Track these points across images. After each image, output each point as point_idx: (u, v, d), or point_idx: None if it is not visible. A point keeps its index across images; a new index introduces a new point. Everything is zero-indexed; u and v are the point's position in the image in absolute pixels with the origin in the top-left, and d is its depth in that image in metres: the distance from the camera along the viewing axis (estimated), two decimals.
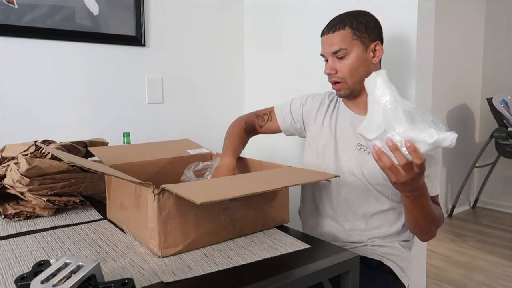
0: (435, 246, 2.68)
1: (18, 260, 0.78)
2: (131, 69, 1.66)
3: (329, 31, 1.06)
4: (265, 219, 0.93)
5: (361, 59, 1.05)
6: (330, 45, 1.06)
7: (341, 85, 1.08)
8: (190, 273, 0.72)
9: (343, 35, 1.04)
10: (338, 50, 1.04)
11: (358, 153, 1.08)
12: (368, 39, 1.05)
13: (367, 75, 1.01)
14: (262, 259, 0.77)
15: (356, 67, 1.05)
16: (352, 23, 1.04)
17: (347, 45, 1.04)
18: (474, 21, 3.42)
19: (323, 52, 1.10)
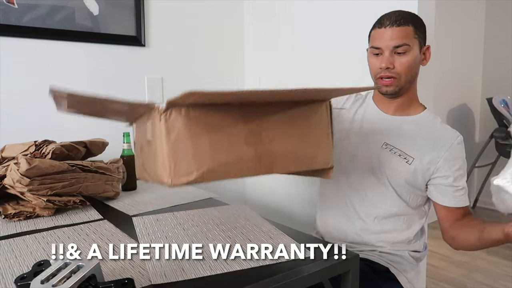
0: (435, 246, 2.68)
1: (18, 260, 0.78)
2: (131, 69, 1.66)
3: (392, 24, 1.03)
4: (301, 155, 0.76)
5: (417, 59, 1.05)
6: (392, 38, 1.03)
7: (394, 81, 1.06)
8: (182, 276, 0.71)
9: (407, 31, 1.02)
10: (401, 45, 1.02)
11: (383, 152, 1.08)
12: (423, 40, 1.06)
13: (415, 77, 1.08)
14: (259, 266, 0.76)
15: (413, 66, 1.05)
16: (415, 22, 1.04)
17: (410, 42, 1.03)
18: (474, 21, 3.42)
19: (380, 44, 1.05)
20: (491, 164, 3.32)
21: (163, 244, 0.86)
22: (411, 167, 1.05)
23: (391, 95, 1.09)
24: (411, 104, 1.13)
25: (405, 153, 1.06)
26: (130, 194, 1.34)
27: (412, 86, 1.10)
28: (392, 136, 1.09)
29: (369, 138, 1.12)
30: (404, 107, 1.12)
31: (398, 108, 1.12)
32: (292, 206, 1.76)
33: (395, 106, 1.12)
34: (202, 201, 1.24)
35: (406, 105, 1.12)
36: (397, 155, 1.07)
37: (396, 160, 1.06)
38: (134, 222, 1.02)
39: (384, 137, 1.09)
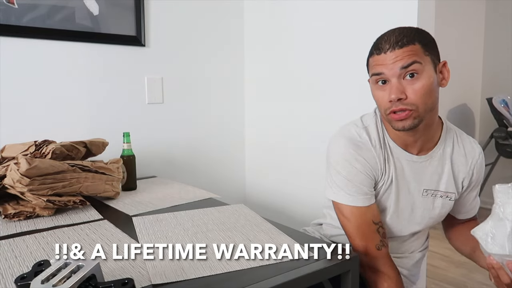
0: (435, 246, 2.68)
1: (18, 260, 0.78)
2: (131, 69, 1.66)
3: (394, 47, 0.83)
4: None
5: (433, 81, 0.85)
6: (397, 60, 0.83)
7: (410, 113, 0.84)
8: (182, 276, 0.71)
9: (414, 50, 0.83)
10: (411, 63, 0.82)
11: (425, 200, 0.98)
12: (436, 57, 0.88)
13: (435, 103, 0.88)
14: (259, 266, 0.76)
15: (430, 90, 0.85)
16: (421, 38, 0.85)
17: (421, 60, 0.83)
18: (474, 21, 3.42)
19: (383, 70, 0.85)
20: (491, 164, 3.32)
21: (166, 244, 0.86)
22: (452, 202, 1.01)
23: (410, 129, 0.87)
24: (432, 134, 0.95)
25: (447, 192, 0.98)
26: (130, 194, 1.34)
27: (433, 114, 0.90)
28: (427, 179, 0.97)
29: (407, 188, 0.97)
30: (427, 139, 0.95)
31: (422, 143, 0.95)
32: (292, 206, 1.76)
33: (420, 142, 0.94)
34: (202, 201, 1.24)
35: (428, 137, 0.94)
36: (439, 197, 0.99)
37: (440, 202, 0.99)
38: (134, 222, 1.02)
39: (422, 183, 0.97)
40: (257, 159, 2.01)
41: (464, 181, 1.00)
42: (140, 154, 1.58)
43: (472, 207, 1.06)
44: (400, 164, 0.95)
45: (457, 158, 0.98)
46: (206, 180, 1.89)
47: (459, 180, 0.99)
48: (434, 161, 0.96)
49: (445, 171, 0.97)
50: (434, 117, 0.93)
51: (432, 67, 0.86)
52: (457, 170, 0.99)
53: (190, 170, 1.84)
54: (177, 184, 1.49)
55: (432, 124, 0.93)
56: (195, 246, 0.85)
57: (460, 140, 1.00)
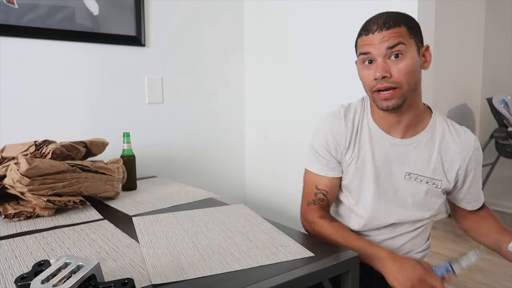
0: (435, 246, 2.68)
1: (18, 260, 0.78)
2: (131, 69, 1.66)
3: (382, 28, 0.89)
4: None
5: (416, 62, 0.90)
6: (383, 40, 0.88)
7: (395, 92, 0.89)
8: (182, 276, 0.71)
9: (400, 32, 0.88)
10: (396, 44, 0.87)
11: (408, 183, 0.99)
12: (420, 40, 0.93)
13: (417, 84, 0.93)
14: (259, 266, 0.76)
15: (413, 70, 0.90)
16: (407, 21, 0.90)
17: (406, 41, 0.88)
18: (474, 21, 3.42)
19: (370, 49, 0.90)
20: (491, 164, 3.32)
21: (166, 244, 0.86)
22: (439, 190, 1.00)
23: (394, 109, 0.92)
24: (418, 119, 0.99)
25: (433, 179, 0.98)
26: (130, 194, 1.34)
27: (416, 96, 0.96)
28: (412, 163, 0.98)
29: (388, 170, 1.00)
30: (413, 124, 0.98)
31: (408, 128, 0.98)
32: (292, 206, 1.76)
33: (403, 125, 0.98)
34: (202, 201, 1.24)
35: (413, 122, 0.98)
36: (425, 183, 0.99)
37: (425, 188, 0.99)
38: (134, 222, 1.02)
39: (405, 166, 0.98)
40: (257, 159, 2.01)
41: (461, 169, 0.99)
42: (140, 154, 1.58)
43: (480, 195, 1.07)
44: (380, 147, 0.99)
45: (449, 146, 0.99)
46: (206, 180, 1.89)
47: (453, 169, 0.99)
48: (420, 146, 0.98)
49: (432, 158, 0.98)
50: (418, 100, 0.97)
51: (416, 50, 0.91)
52: (450, 159, 0.98)
53: (190, 170, 1.84)
54: (177, 184, 1.49)
55: (416, 107, 0.97)
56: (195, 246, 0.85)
57: (452, 129, 1.00)
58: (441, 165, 0.99)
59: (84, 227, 0.99)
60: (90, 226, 1.00)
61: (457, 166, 0.99)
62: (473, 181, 1.03)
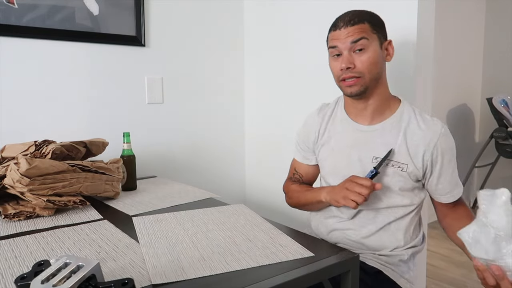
0: (435, 246, 2.68)
1: (18, 260, 0.78)
2: (131, 69, 1.66)
3: (347, 24, 1.00)
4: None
5: (378, 55, 1.01)
6: (348, 35, 0.99)
7: (358, 80, 1.00)
8: (182, 276, 0.71)
9: (363, 28, 0.99)
10: (359, 39, 0.98)
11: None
12: (382, 36, 1.03)
13: (379, 75, 1.03)
14: (259, 266, 0.76)
15: (375, 62, 1.00)
16: (370, 19, 1.01)
17: (368, 36, 0.99)
18: (474, 21, 3.42)
19: (337, 43, 1.02)
20: (491, 164, 3.32)
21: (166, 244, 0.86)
22: (405, 174, 1.01)
23: (357, 96, 1.03)
24: (385, 106, 1.07)
25: (398, 162, 1.02)
26: (130, 194, 1.34)
27: (380, 85, 1.04)
28: (378, 148, 1.04)
29: (355, 156, 1.06)
30: (380, 111, 1.06)
31: (374, 115, 1.07)
32: None
33: (370, 113, 1.06)
34: (202, 201, 1.24)
35: (379, 110, 1.06)
36: (391, 166, 1.02)
37: (391, 171, 1.02)
38: (134, 222, 1.02)
39: (372, 151, 1.04)
40: (257, 159, 2.01)
41: (426, 155, 1.00)
42: (140, 154, 1.58)
43: (454, 188, 1.05)
44: (349, 134, 1.09)
45: (413, 131, 1.02)
46: (206, 180, 1.89)
47: (419, 154, 1.01)
48: (385, 131, 1.04)
49: (397, 142, 1.02)
50: (382, 88, 1.06)
51: (378, 44, 1.01)
52: (415, 144, 1.01)
53: (190, 170, 1.84)
54: (177, 184, 1.49)
55: (380, 94, 1.05)
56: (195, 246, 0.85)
57: (419, 117, 1.04)
58: (406, 149, 1.01)
59: (84, 227, 0.99)
60: (90, 226, 1.00)
61: (422, 151, 1.00)
62: (442, 170, 1.02)
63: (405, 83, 1.30)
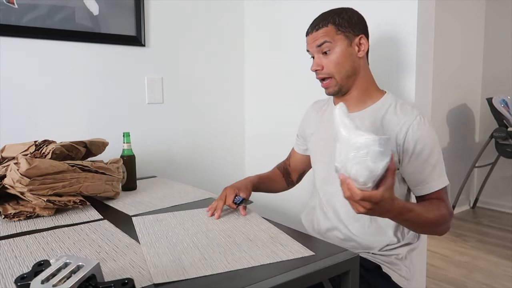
0: (435, 246, 2.68)
1: (18, 260, 0.78)
2: (131, 69, 1.66)
3: (313, 30, 1.08)
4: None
5: (346, 53, 1.05)
6: (314, 40, 1.07)
7: (330, 82, 1.07)
8: (184, 275, 0.71)
9: (327, 31, 1.05)
10: (322, 43, 1.05)
11: None
12: (352, 33, 1.05)
13: (353, 70, 1.06)
14: (260, 265, 0.76)
15: (342, 61, 1.05)
16: (334, 20, 1.05)
17: (331, 39, 1.04)
18: (474, 21, 3.42)
19: (308, 48, 1.11)
20: (491, 164, 3.32)
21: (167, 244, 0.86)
22: None
23: (335, 95, 1.11)
24: (366, 97, 1.09)
25: None
26: (130, 194, 1.34)
27: (358, 80, 1.08)
28: None
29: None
30: (360, 101, 1.09)
31: (354, 104, 1.09)
32: (292, 206, 1.76)
33: (350, 103, 1.09)
34: (202, 201, 1.24)
35: (360, 99, 1.09)
36: None
37: None
38: (134, 222, 1.02)
39: None
40: (257, 159, 2.01)
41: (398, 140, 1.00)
42: (140, 154, 1.58)
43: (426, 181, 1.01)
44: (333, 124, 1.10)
45: (389, 118, 1.03)
46: (206, 179, 1.89)
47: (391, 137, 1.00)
48: (364, 118, 1.06)
49: (374, 127, 1.04)
50: (361, 82, 1.08)
51: (345, 43, 1.05)
52: (388, 129, 1.02)
53: (190, 170, 1.84)
54: (177, 184, 1.49)
55: (360, 87, 1.09)
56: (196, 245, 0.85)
57: (399, 106, 1.05)
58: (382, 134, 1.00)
59: (84, 227, 0.99)
60: (90, 226, 1.00)
61: (394, 135, 1.01)
62: (412, 159, 1.00)
63: (405, 83, 1.30)
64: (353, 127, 0.76)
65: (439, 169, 1.02)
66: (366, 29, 1.09)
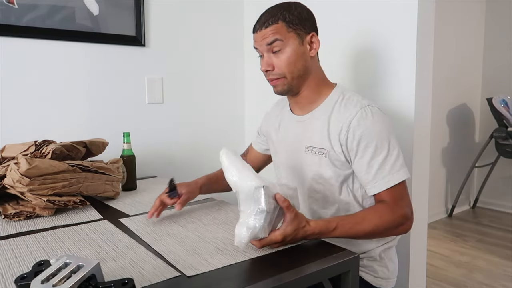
0: (435, 246, 2.68)
1: (18, 260, 0.78)
2: (131, 69, 1.66)
3: (261, 27, 0.99)
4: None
5: (298, 52, 0.98)
6: (263, 38, 0.99)
7: (279, 81, 1.00)
8: (211, 266, 0.74)
9: (277, 29, 0.97)
10: (273, 41, 0.97)
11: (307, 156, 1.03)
12: (303, 31, 0.99)
13: (305, 70, 1.01)
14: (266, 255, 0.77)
15: (294, 61, 0.98)
16: (285, 17, 0.97)
17: (283, 37, 0.97)
18: (474, 21, 3.42)
19: (256, 45, 1.03)
20: (491, 164, 3.32)
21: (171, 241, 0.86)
22: (327, 159, 0.98)
23: (284, 94, 1.05)
24: (317, 96, 1.04)
25: (322, 148, 0.99)
26: (130, 194, 1.34)
27: (309, 79, 1.02)
28: (309, 137, 1.03)
29: (293, 146, 1.08)
30: (311, 101, 1.05)
31: (305, 105, 1.06)
32: None
33: (302, 104, 1.06)
34: (202, 201, 1.24)
35: (312, 99, 1.04)
36: (317, 154, 1.00)
37: (317, 158, 1.00)
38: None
39: (305, 141, 1.04)
40: None
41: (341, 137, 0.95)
42: (140, 154, 1.58)
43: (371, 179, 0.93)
44: (290, 126, 1.11)
45: (335, 116, 0.99)
46: None
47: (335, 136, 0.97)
48: (314, 119, 1.03)
49: (323, 129, 1.00)
50: (311, 81, 1.03)
51: (297, 42, 0.98)
52: (334, 127, 0.97)
53: (190, 170, 1.84)
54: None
55: (310, 86, 1.04)
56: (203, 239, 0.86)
57: (344, 101, 1.00)
58: (327, 134, 0.99)
59: (84, 227, 0.99)
60: (90, 226, 1.00)
61: (337, 134, 0.96)
62: (357, 157, 0.94)
63: (405, 83, 1.30)
64: (237, 178, 0.80)
65: (389, 165, 0.92)
66: (316, 26, 1.03)
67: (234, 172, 0.80)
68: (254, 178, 0.78)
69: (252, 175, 0.79)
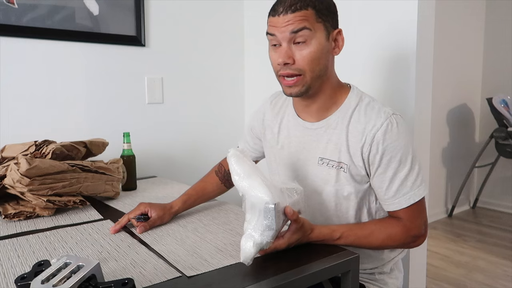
0: (435, 246, 2.68)
1: (21, 260, 0.78)
2: (131, 69, 1.66)
3: (287, 11, 0.83)
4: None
5: (324, 48, 0.86)
6: (287, 24, 0.83)
7: (298, 80, 0.86)
8: (211, 266, 0.74)
9: (306, 15, 0.83)
10: (300, 29, 0.83)
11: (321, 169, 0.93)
12: (330, 24, 0.87)
13: (325, 70, 0.88)
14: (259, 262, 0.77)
15: (318, 57, 0.85)
16: (314, 4, 0.84)
17: (311, 26, 0.83)
18: (474, 21, 3.42)
19: (274, 31, 0.86)
20: (491, 164, 3.32)
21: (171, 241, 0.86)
22: (347, 175, 0.89)
23: (298, 96, 0.90)
24: (331, 102, 0.93)
25: (340, 162, 0.90)
26: (130, 194, 1.34)
27: (326, 81, 0.90)
28: (323, 148, 0.92)
29: (301, 155, 0.96)
30: (325, 107, 0.93)
31: (317, 111, 0.94)
32: None
33: (313, 109, 0.94)
34: None
35: (326, 105, 0.93)
36: (333, 167, 0.90)
37: (334, 173, 0.90)
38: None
39: (317, 152, 0.93)
40: None
41: (364, 151, 0.87)
42: (140, 154, 1.58)
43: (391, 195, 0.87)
44: (296, 132, 0.98)
45: (355, 126, 0.89)
46: None
47: (356, 149, 0.88)
48: (330, 129, 0.92)
49: (340, 140, 0.90)
50: (327, 84, 0.91)
51: (324, 35, 0.86)
52: (355, 140, 0.88)
53: (190, 170, 1.84)
54: (177, 184, 1.49)
55: (325, 91, 0.92)
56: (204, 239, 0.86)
57: (365, 107, 0.90)
58: (346, 147, 0.89)
59: (87, 226, 0.99)
60: (92, 225, 1.00)
61: (360, 147, 0.87)
62: (378, 172, 0.87)
63: (405, 83, 1.30)
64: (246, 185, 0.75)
65: (411, 181, 0.86)
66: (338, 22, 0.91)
67: (244, 177, 0.75)
68: (266, 192, 0.72)
69: (263, 185, 0.73)
